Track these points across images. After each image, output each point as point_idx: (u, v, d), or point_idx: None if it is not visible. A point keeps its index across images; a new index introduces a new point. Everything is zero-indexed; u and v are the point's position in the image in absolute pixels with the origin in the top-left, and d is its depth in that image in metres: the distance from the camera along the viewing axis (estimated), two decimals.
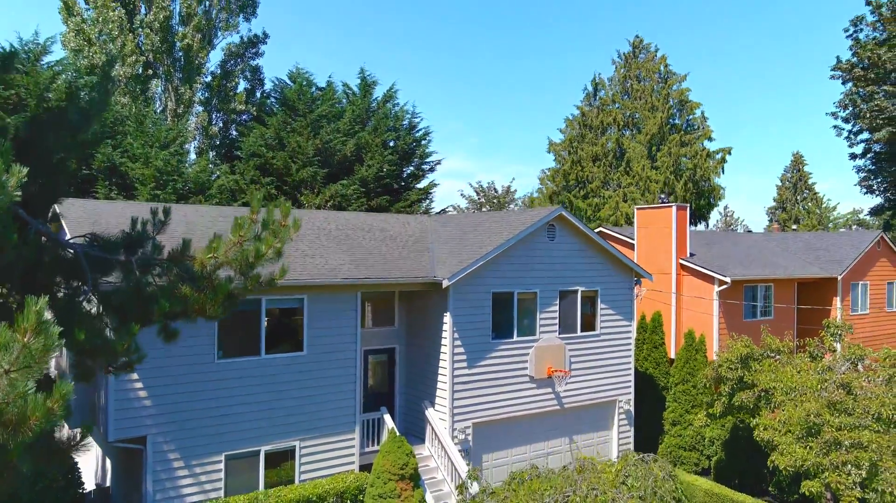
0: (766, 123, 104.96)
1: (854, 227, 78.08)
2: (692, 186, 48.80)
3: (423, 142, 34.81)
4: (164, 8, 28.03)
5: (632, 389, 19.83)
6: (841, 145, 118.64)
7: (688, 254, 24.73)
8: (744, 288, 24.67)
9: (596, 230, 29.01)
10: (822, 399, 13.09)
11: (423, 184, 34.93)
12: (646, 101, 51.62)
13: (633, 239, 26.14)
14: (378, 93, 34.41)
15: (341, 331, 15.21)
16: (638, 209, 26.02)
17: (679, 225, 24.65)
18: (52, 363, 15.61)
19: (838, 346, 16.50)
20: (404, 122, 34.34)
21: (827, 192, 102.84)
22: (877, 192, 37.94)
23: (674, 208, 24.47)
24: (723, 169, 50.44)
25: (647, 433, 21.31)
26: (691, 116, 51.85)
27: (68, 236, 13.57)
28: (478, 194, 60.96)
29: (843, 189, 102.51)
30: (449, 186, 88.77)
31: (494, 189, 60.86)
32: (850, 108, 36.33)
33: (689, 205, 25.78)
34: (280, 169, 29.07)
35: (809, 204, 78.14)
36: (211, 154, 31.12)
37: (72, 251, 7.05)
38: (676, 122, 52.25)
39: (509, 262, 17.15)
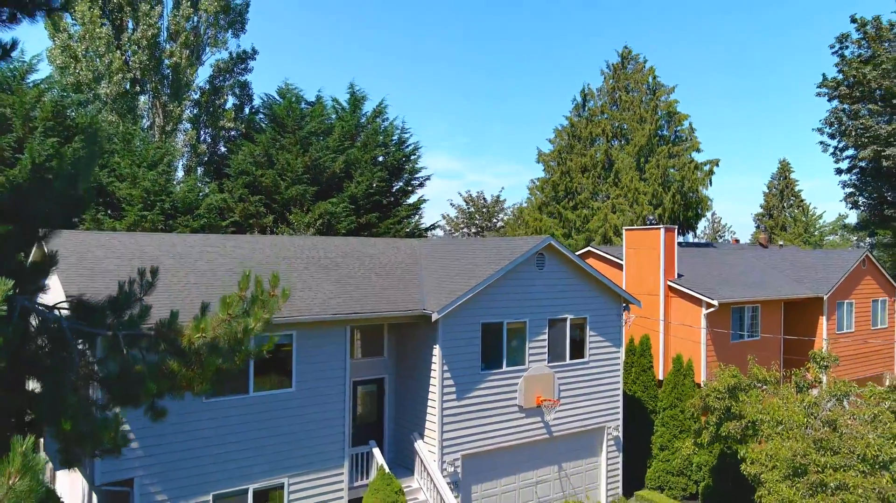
0: (754, 126, 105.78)
1: (840, 231, 78.97)
2: (680, 198, 49.06)
3: (413, 157, 34.80)
4: (152, 25, 27.85)
5: (620, 416, 19.90)
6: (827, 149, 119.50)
7: (675, 276, 24.86)
8: (731, 309, 24.83)
9: (585, 249, 29.16)
10: (808, 437, 13.21)
11: (412, 199, 34.92)
12: (634, 112, 51.87)
13: (621, 259, 26.25)
14: (368, 107, 34.40)
15: (330, 365, 15.17)
16: (627, 230, 26.13)
17: (667, 247, 24.78)
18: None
19: (824, 378, 16.64)
20: (394, 138, 34.33)
21: (813, 191, 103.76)
22: (862, 208, 38.32)
23: (662, 230, 24.59)
24: (710, 181, 50.77)
25: (635, 457, 21.40)
26: (679, 128, 52.15)
27: (52, 284, 13.46)
28: (467, 203, 61.05)
29: (829, 188, 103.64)
30: (438, 186, 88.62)
31: (484, 198, 60.99)
32: (836, 126, 36.66)
33: (676, 227, 25.86)
34: (269, 187, 28.96)
35: (796, 211, 78.94)
36: (199, 170, 30.95)
37: (56, 324, 6.99)
38: (665, 133, 52.55)
39: (498, 293, 17.17)
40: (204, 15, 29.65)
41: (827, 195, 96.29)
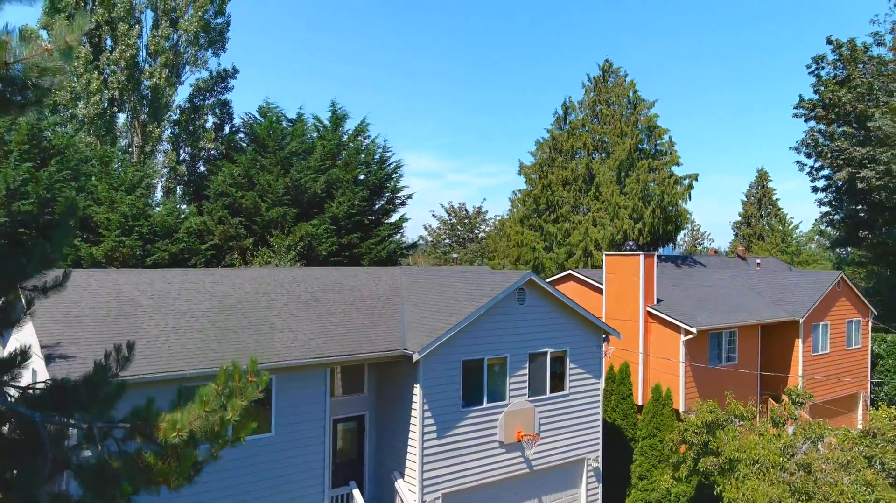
0: (733, 136, 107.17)
1: (817, 237, 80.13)
2: (660, 212, 49.45)
3: (395, 175, 34.78)
4: (131, 45, 27.53)
5: (600, 447, 20.02)
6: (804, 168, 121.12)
7: (655, 301, 25.09)
8: (709, 334, 25.11)
9: (566, 273, 29.31)
10: (783, 483, 13.40)
11: (394, 218, 34.90)
12: (615, 125, 52.23)
13: (602, 283, 26.43)
14: (349, 125, 34.33)
15: (310, 407, 15.12)
16: (607, 255, 26.32)
17: (647, 273, 24.99)
18: None
19: (798, 413, 16.89)
20: (375, 156, 34.28)
21: (794, 193, 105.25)
22: (837, 227, 38.93)
23: (641, 257, 24.81)
24: (689, 195, 51.25)
25: (615, 485, 21.57)
26: (659, 142, 52.61)
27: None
28: (449, 214, 61.13)
29: (807, 190, 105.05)
30: (420, 185, 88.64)
31: (465, 209, 61.10)
32: (813, 146, 37.23)
33: (655, 253, 26.09)
34: (249, 208, 28.77)
35: (773, 220, 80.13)
36: (179, 189, 30.66)
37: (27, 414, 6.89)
38: (645, 146, 52.97)
39: (479, 329, 17.21)
40: (184, 34, 29.37)
41: (806, 196, 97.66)
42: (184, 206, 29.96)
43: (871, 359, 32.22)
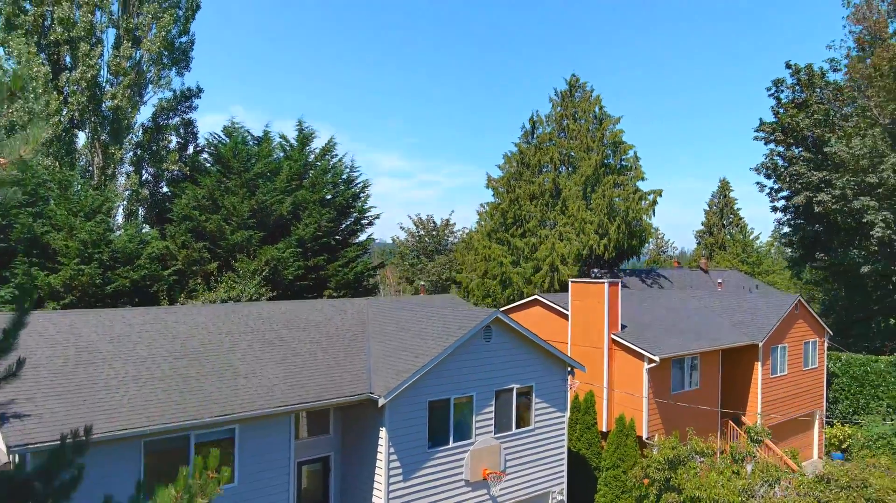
0: (697, 145, 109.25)
1: (776, 244, 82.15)
2: (625, 227, 50.15)
3: (362, 195, 34.65)
4: (92, 66, 26.92)
5: (565, 479, 20.21)
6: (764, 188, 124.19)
7: (619, 328, 25.43)
8: (672, 361, 25.54)
9: (532, 297, 29.50)
10: None
11: (362, 237, 34.77)
12: (581, 141, 52.80)
13: (567, 309, 26.68)
14: (316, 144, 34.12)
15: (274, 455, 14.98)
16: (572, 282, 26.59)
17: (611, 301, 25.30)
18: None
19: (756, 451, 17.30)
20: (342, 176, 34.11)
21: (751, 196, 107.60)
22: (795, 247, 39.97)
23: (606, 284, 25.10)
24: (654, 211, 52.10)
25: None
26: (625, 157, 53.33)
27: None
28: (417, 226, 61.09)
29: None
30: (389, 185, 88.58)
31: (433, 221, 61.11)
32: (772, 169, 38.16)
33: (619, 281, 26.40)
34: (213, 232, 28.37)
35: (734, 230, 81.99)
36: (141, 211, 30.08)
37: None
38: (611, 161, 53.67)
39: (446, 369, 17.24)
40: (146, 54, 28.83)
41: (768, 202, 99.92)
42: (146, 228, 29.43)
43: (826, 378, 33.14)
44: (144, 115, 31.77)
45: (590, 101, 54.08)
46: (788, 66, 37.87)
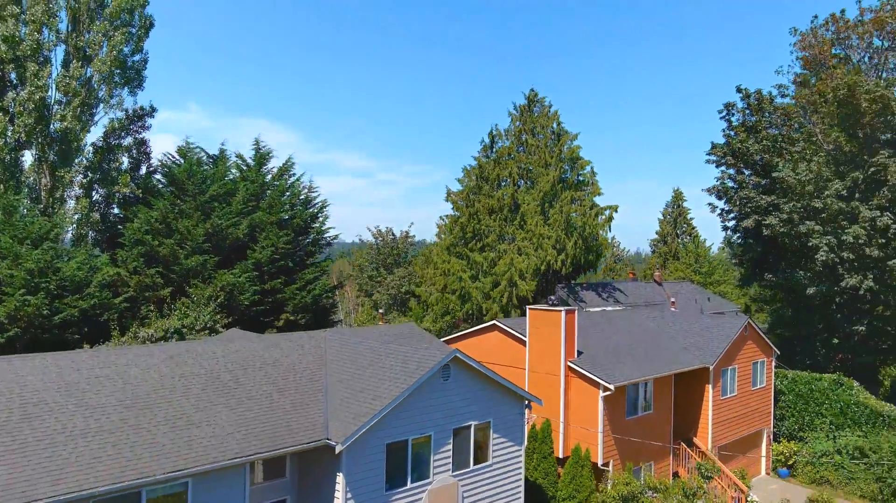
0: (651, 154, 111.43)
1: (726, 250, 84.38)
2: (582, 242, 50.89)
3: (320, 216, 34.38)
4: (40, 87, 26.06)
5: None
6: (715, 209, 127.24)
7: (576, 355, 25.80)
8: (627, 387, 26.01)
9: (490, 323, 29.68)
10: None
11: (320, 258, 34.47)
12: (540, 156, 53.36)
13: (525, 335, 26.94)
14: (273, 164, 33.71)
15: None
16: (530, 309, 26.85)
17: (567, 328, 25.65)
18: None
19: (706, 485, 17.77)
20: (300, 196, 33.79)
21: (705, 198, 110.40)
22: (745, 267, 41.16)
23: (563, 312, 25.44)
24: (609, 226, 53.00)
25: None
26: (582, 173, 54.11)
27: None
28: (375, 238, 60.90)
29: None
30: (350, 184, 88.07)
31: (392, 234, 60.99)
32: (723, 191, 39.23)
33: (575, 310, 26.76)
34: (167, 257, 27.79)
35: (687, 239, 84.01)
36: (91, 235, 29.24)
37: None
38: (568, 176, 54.39)
39: (404, 410, 17.24)
40: (97, 73, 28.06)
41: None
42: (97, 251, 28.64)
43: (773, 396, 34.20)
44: (95, 134, 31.06)
45: (548, 117, 54.69)
46: (739, 90, 38.98)
